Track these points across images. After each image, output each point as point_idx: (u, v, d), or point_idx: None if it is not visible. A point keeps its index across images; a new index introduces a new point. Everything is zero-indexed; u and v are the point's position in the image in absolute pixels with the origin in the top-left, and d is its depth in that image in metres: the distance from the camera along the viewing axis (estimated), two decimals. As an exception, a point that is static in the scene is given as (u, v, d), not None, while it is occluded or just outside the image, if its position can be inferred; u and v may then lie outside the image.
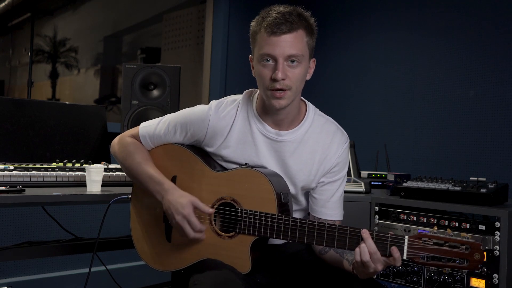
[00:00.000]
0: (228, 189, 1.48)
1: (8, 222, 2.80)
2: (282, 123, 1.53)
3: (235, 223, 1.45)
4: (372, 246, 1.30)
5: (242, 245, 1.44)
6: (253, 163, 1.54)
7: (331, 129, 1.58)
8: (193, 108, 1.60)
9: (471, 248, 1.25)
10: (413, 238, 1.29)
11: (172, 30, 4.65)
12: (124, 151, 1.62)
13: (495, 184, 2.14)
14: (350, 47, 3.72)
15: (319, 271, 1.52)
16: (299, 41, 1.43)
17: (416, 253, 1.28)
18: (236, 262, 1.44)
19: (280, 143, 1.53)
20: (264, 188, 1.43)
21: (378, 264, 1.30)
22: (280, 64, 1.41)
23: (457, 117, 3.03)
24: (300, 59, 1.44)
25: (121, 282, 2.29)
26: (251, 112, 1.55)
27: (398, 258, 1.29)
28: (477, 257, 1.24)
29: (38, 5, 4.27)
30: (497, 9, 2.90)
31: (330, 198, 1.57)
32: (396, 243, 1.30)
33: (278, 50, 1.40)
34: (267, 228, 1.40)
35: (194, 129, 1.55)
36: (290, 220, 1.39)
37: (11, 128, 2.10)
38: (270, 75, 1.42)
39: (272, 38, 1.41)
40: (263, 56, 1.43)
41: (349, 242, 1.34)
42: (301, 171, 1.54)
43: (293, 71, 1.43)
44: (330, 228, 1.36)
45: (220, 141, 1.54)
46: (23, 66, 4.52)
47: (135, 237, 1.62)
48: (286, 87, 1.42)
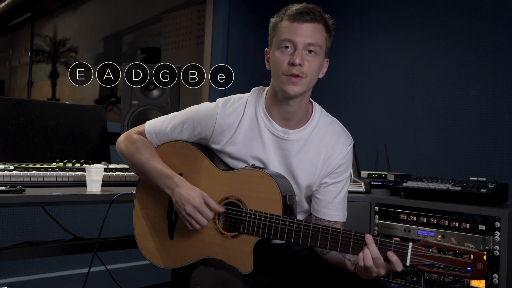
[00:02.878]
0: (234, 189, 1.48)
1: (8, 222, 2.80)
2: (290, 119, 1.54)
3: (239, 223, 1.45)
4: (375, 251, 1.30)
5: (245, 245, 1.44)
6: (259, 160, 1.55)
7: (336, 130, 1.60)
8: (199, 105, 1.61)
9: (474, 258, 1.25)
10: (417, 245, 1.29)
11: (172, 30, 4.65)
12: (132, 148, 1.61)
13: (495, 184, 2.14)
14: (350, 47, 3.72)
15: (321, 271, 1.52)
16: (319, 33, 1.47)
17: (420, 260, 1.28)
18: (238, 262, 1.44)
19: (286, 142, 1.54)
20: (270, 189, 1.43)
21: (380, 268, 1.31)
22: (299, 50, 1.44)
23: (457, 117, 3.03)
24: (317, 51, 1.47)
25: (121, 282, 2.29)
26: (260, 109, 1.56)
27: (396, 262, 1.29)
28: (480, 267, 1.24)
29: (38, 5, 4.27)
30: (497, 9, 2.90)
31: (333, 199, 1.58)
32: (400, 250, 1.30)
33: (299, 37, 1.44)
34: (271, 229, 1.40)
35: (201, 126, 1.56)
36: (295, 222, 1.39)
37: (11, 128, 2.10)
38: (287, 61, 1.45)
39: (295, 24, 1.45)
40: (283, 41, 1.46)
41: (352, 247, 1.34)
42: (305, 170, 1.55)
43: (311, 61, 1.46)
44: (334, 232, 1.36)
45: (227, 137, 1.55)
46: (23, 66, 4.52)
47: (137, 233, 1.62)
48: (302, 74, 1.45)
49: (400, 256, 1.29)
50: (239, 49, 3.82)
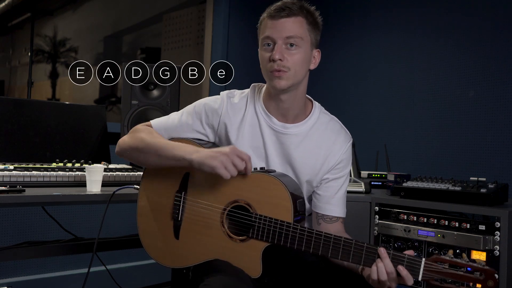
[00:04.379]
0: (243, 192, 1.47)
1: (8, 222, 2.80)
2: (287, 114, 1.56)
3: (248, 227, 1.44)
4: (390, 265, 1.30)
5: (254, 250, 1.42)
6: (260, 154, 1.57)
7: (336, 127, 1.62)
8: (204, 98, 1.64)
9: (485, 275, 1.26)
10: (430, 261, 1.29)
11: (172, 30, 4.65)
12: (139, 136, 1.57)
13: (495, 184, 2.14)
14: (350, 47, 3.72)
15: (327, 272, 1.51)
16: (297, 26, 1.49)
17: (431, 276, 1.29)
18: (246, 266, 1.43)
19: (285, 135, 1.56)
20: (280, 194, 1.42)
21: (393, 282, 1.32)
22: (278, 45, 1.48)
23: (457, 117, 3.03)
24: (299, 43, 1.49)
25: (121, 282, 2.29)
26: (258, 105, 1.59)
27: (406, 276, 1.29)
28: (490, 284, 1.26)
29: (38, 5, 4.27)
30: (497, 9, 2.90)
31: (335, 195, 1.59)
32: (413, 265, 1.30)
33: (276, 32, 1.48)
34: (281, 236, 1.39)
35: (208, 116, 1.58)
36: (306, 231, 1.38)
37: (11, 128, 2.10)
38: (269, 57, 1.49)
39: (273, 21, 1.49)
40: (264, 39, 1.51)
41: (364, 259, 1.34)
42: (305, 164, 1.56)
43: (292, 54, 1.48)
44: (346, 243, 1.35)
45: (234, 129, 1.57)
46: (23, 66, 4.52)
47: (142, 231, 1.60)
48: (284, 68, 1.48)
49: (412, 271, 1.30)
50: (239, 49, 3.82)
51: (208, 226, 1.49)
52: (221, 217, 1.48)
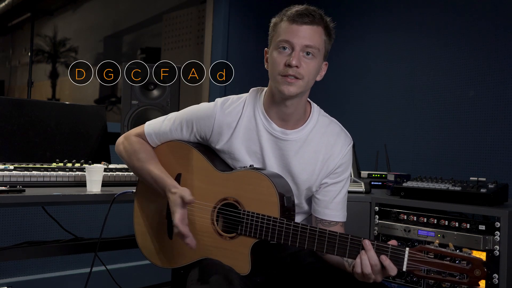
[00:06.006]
0: (232, 190, 1.48)
1: (8, 222, 2.80)
2: (288, 120, 1.54)
3: (237, 224, 1.45)
4: (374, 257, 1.29)
5: (243, 246, 1.44)
6: (257, 160, 1.55)
7: (335, 130, 1.60)
8: (198, 105, 1.62)
9: (472, 264, 1.24)
10: (414, 251, 1.28)
11: (172, 30, 4.65)
12: (130, 150, 1.62)
13: (495, 184, 2.14)
14: (350, 47, 3.72)
15: (321, 272, 1.52)
16: (318, 36, 1.47)
17: (416, 266, 1.27)
18: (235, 263, 1.44)
19: (285, 142, 1.54)
20: (267, 191, 1.43)
21: (378, 275, 1.30)
22: (296, 52, 1.44)
23: (457, 117, 3.03)
24: (315, 54, 1.47)
25: (121, 282, 2.29)
26: (258, 109, 1.56)
27: (389, 266, 1.28)
28: (478, 274, 1.23)
29: (38, 5, 4.27)
30: (496, 9, 2.90)
31: (333, 199, 1.58)
32: (397, 255, 1.29)
33: (297, 38, 1.44)
34: (268, 231, 1.40)
35: (200, 126, 1.57)
36: (292, 225, 1.39)
37: (11, 128, 2.10)
38: (284, 61, 1.45)
39: (294, 26, 1.45)
40: (281, 42, 1.46)
41: (349, 251, 1.34)
42: (304, 171, 1.55)
43: (308, 63, 1.46)
44: (331, 235, 1.36)
45: (227, 137, 1.55)
46: (23, 66, 4.52)
47: (137, 232, 1.63)
48: (298, 75, 1.45)
49: (396, 261, 1.29)
50: (239, 49, 3.81)
51: (200, 225, 1.51)
52: (212, 215, 1.49)
